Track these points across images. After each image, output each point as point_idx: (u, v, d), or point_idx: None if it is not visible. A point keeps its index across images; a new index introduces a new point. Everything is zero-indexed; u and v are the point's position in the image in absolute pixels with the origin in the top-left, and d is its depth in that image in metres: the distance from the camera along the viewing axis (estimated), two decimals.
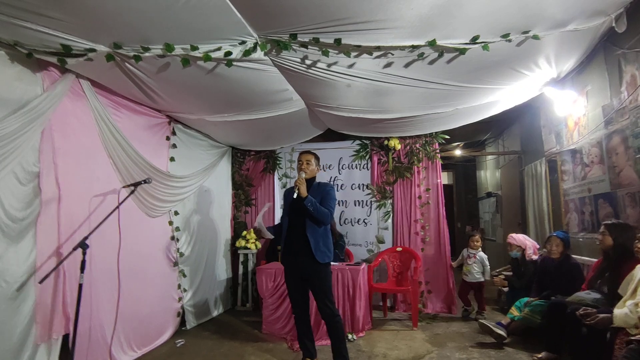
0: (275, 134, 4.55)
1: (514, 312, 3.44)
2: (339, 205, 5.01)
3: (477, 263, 4.31)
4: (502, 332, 3.27)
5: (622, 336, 2.14)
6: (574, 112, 3.75)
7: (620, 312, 2.20)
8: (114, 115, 3.08)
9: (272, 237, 3.10)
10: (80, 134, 2.79)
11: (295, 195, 2.70)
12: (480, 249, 4.40)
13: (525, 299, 3.42)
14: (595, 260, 3.06)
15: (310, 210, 2.68)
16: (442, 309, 4.55)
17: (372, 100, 3.46)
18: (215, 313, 4.49)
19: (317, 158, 2.97)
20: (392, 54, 2.62)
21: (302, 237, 2.74)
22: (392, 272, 4.50)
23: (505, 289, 4.26)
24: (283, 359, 3.09)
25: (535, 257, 3.92)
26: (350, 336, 3.52)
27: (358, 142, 4.97)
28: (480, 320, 3.48)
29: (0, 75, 2.31)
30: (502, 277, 4.32)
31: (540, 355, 2.90)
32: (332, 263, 3.78)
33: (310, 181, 2.86)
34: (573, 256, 3.48)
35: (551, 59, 3.03)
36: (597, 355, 2.33)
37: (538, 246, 4.08)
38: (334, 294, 3.62)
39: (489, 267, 4.34)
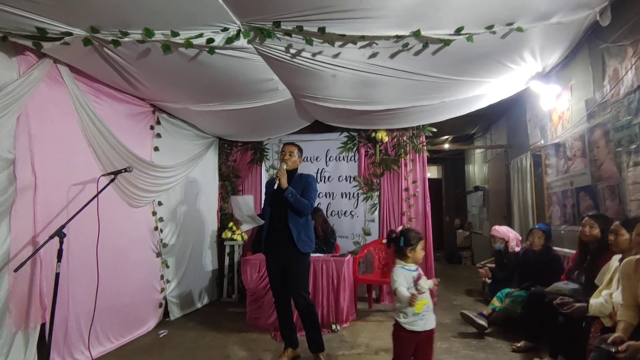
0: (262, 125, 4.51)
1: (496, 302, 3.49)
2: (326, 197, 5.01)
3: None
4: (483, 323, 3.32)
5: (596, 325, 2.18)
6: (558, 106, 3.79)
7: (596, 301, 2.24)
8: (94, 102, 3.02)
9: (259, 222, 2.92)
10: (58, 120, 2.73)
11: (275, 186, 2.70)
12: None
13: (507, 290, 3.47)
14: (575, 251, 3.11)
15: (291, 201, 2.69)
16: None
17: (359, 91, 3.44)
18: (200, 304, 4.47)
19: (300, 150, 2.97)
20: (377, 44, 2.60)
21: (284, 227, 2.75)
22: (378, 263, 4.53)
23: (489, 281, 4.31)
24: (266, 349, 3.10)
25: (517, 249, 3.97)
26: (334, 326, 3.54)
27: (345, 134, 4.96)
28: (462, 311, 3.52)
29: None
30: (487, 268, 4.37)
31: (519, 344, 2.95)
32: (318, 255, 3.82)
33: (291, 172, 2.86)
34: (554, 248, 3.53)
35: (536, 52, 3.04)
36: (572, 343, 2.37)
37: (521, 238, 4.14)
38: (318, 285, 3.65)
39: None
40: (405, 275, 2.10)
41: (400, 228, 2.22)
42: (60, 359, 2.63)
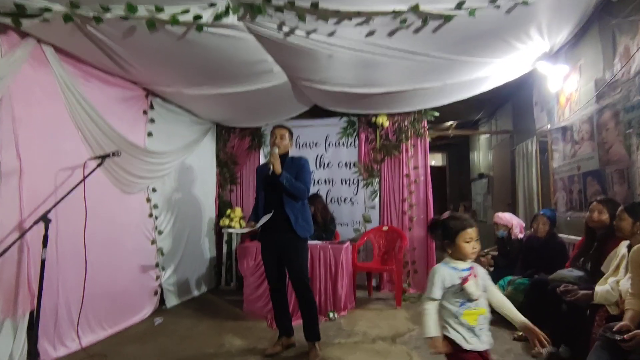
0: (259, 110, 4.40)
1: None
2: (326, 184, 4.92)
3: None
4: None
5: (601, 313, 2.08)
6: (566, 88, 3.63)
7: (602, 288, 2.14)
8: (82, 85, 2.92)
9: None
10: (44, 103, 2.64)
11: (270, 172, 2.61)
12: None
13: (509, 278, 3.38)
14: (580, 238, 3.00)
15: (286, 186, 2.61)
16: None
17: (357, 73, 3.32)
18: (197, 292, 4.44)
19: (291, 133, 2.87)
20: (374, 20, 2.47)
21: (281, 213, 2.67)
22: (378, 251, 4.45)
23: (491, 269, 4.22)
24: (261, 337, 3.04)
25: (521, 236, 3.87)
26: (331, 315, 3.48)
27: (345, 119, 4.84)
28: None
29: None
30: (490, 256, 4.27)
31: (520, 333, 2.87)
32: (316, 242, 3.74)
33: (283, 156, 2.76)
34: (559, 235, 3.42)
35: (543, 30, 2.88)
36: (576, 332, 2.28)
37: (524, 224, 4.03)
38: (316, 272, 3.59)
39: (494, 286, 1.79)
40: (446, 277, 1.61)
41: (447, 214, 1.82)
42: (50, 346, 2.59)
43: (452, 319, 1.59)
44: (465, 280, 1.58)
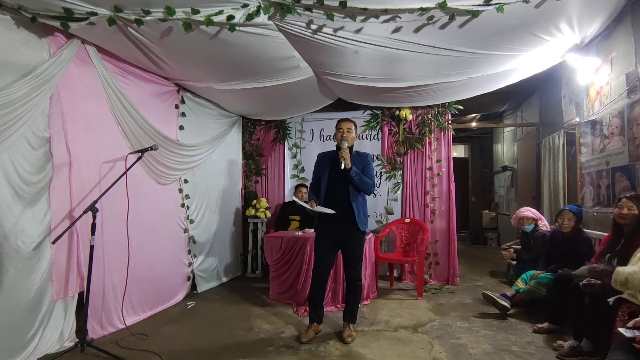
0: (285, 103, 4.50)
1: (520, 284, 3.43)
2: None
3: None
4: (505, 303, 3.27)
5: (624, 308, 2.10)
6: (597, 81, 3.56)
7: (624, 268, 2.13)
8: (121, 82, 3.09)
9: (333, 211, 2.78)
10: (88, 100, 2.82)
11: (342, 167, 2.68)
12: None
13: (532, 272, 3.40)
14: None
15: (356, 181, 2.72)
16: (447, 280, 4.54)
17: (382, 68, 3.36)
18: (225, 279, 4.64)
19: (356, 125, 2.96)
20: (400, 18, 2.51)
21: (346, 205, 2.78)
22: (400, 243, 4.52)
23: (514, 262, 4.24)
24: (288, 322, 3.20)
25: (544, 230, 3.87)
26: None
27: (369, 112, 4.88)
28: (484, 291, 3.49)
29: (6, 40, 2.32)
30: (512, 250, 4.28)
31: (542, 326, 2.91)
32: None
33: (349, 150, 2.82)
34: (585, 230, 3.40)
35: (574, 23, 2.84)
36: (598, 326, 2.31)
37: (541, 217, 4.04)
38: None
39: None
40: None
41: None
42: (98, 326, 2.82)
43: None
44: None
